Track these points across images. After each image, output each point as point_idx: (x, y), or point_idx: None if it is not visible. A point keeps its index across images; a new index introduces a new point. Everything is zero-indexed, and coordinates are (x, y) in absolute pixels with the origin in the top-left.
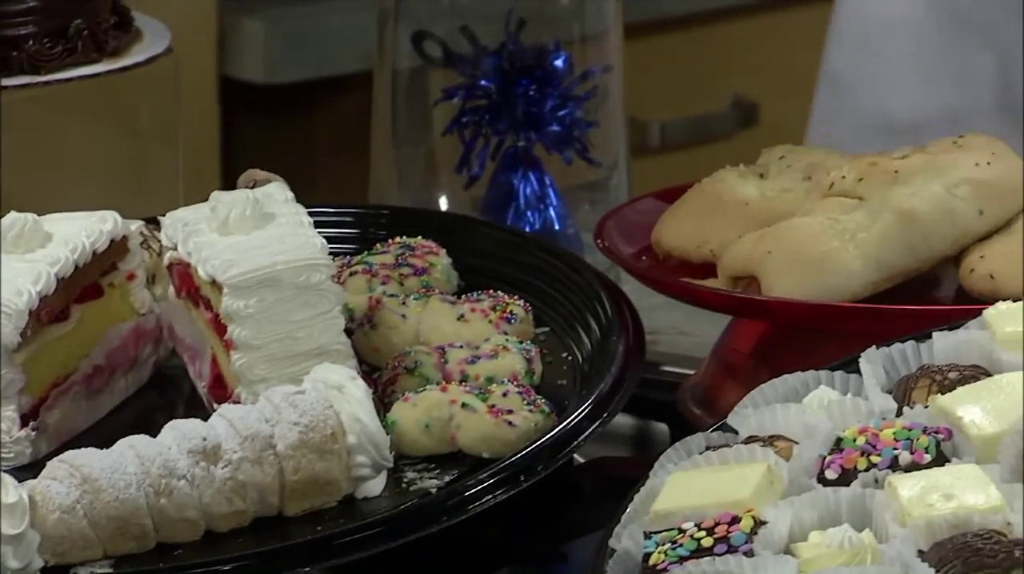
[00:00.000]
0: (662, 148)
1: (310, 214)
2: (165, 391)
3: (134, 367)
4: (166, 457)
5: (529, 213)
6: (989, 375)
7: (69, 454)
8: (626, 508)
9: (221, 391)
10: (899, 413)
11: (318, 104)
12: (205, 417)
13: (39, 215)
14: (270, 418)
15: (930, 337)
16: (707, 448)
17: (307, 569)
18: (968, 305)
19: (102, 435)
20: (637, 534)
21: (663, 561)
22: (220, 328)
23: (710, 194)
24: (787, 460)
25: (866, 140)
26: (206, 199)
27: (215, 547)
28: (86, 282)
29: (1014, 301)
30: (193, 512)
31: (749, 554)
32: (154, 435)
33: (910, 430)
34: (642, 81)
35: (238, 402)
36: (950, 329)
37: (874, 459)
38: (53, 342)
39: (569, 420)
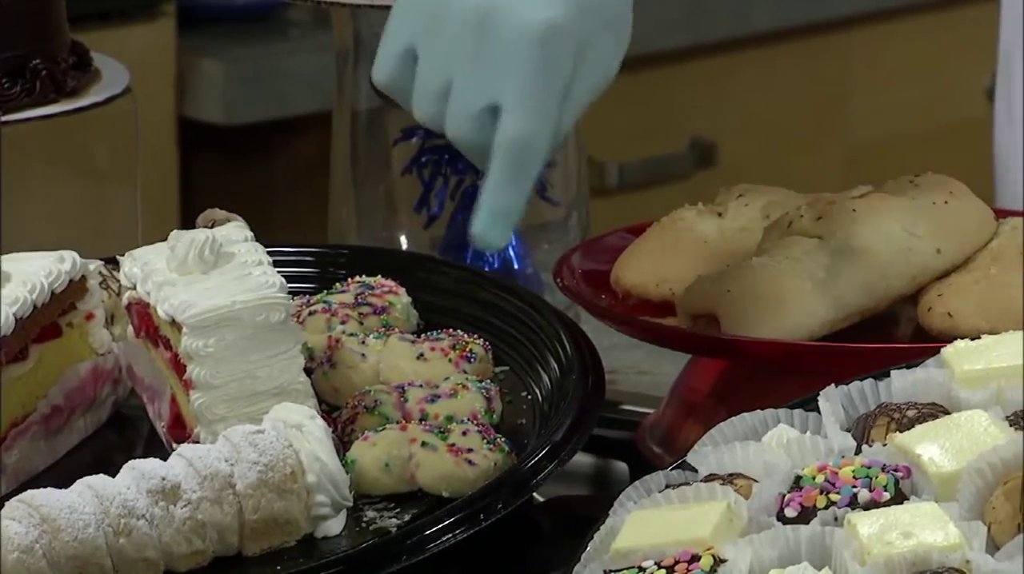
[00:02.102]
0: (620, 188)
1: (269, 253)
2: (124, 431)
3: (93, 407)
4: (125, 497)
5: (488, 253)
6: (948, 413)
7: (27, 494)
8: (586, 547)
9: (180, 431)
10: (858, 451)
11: (277, 144)
12: (164, 457)
13: None
14: (229, 457)
15: (888, 375)
16: (667, 486)
17: None
18: (926, 343)
19: (61, 475)
20: (598, 572)
21: None
22: (179, 368)
23: (669, 233)
24: (746, 498)
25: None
26: (165, 239)
27: None
28: (45, 322)
29: (972, 339)
30: (152, 552)
31: None
32: (113, 475)
33: (869, 468)
34: (600, 122)
35: (197, 442)
36: (908, 367)
37: (833, 497)
38: (12, 382)
39: (529, 459)
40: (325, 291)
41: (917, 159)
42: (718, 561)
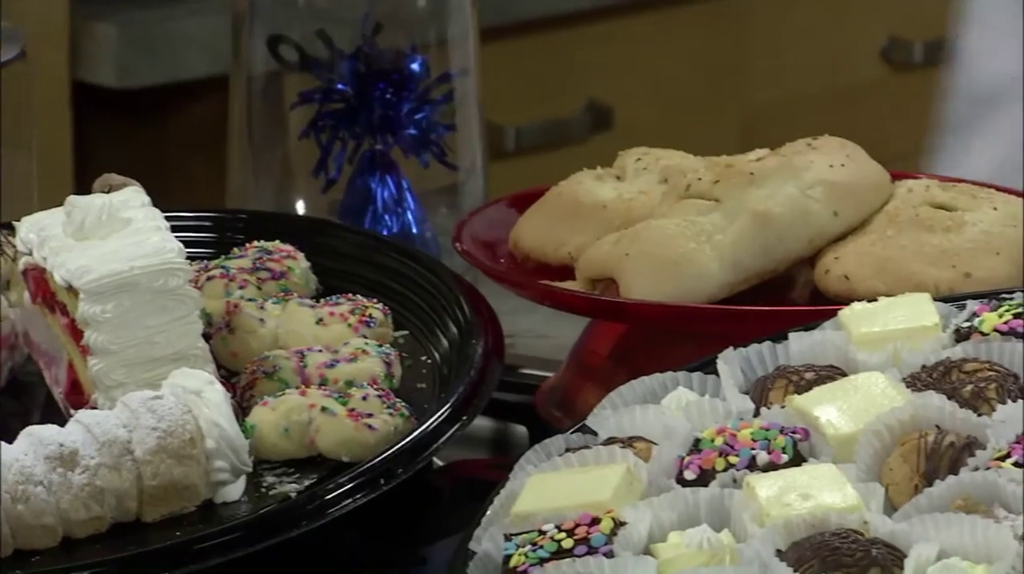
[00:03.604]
0: (517, 152)
1: (167, 219)
2: (21, 397)
3: None
4: (22, 463)
5: (387, 217)
6: (845, 375)
7: None
8: (486, 511)
9: (78, 397)
10: (756, 414)
11: (173, 108)
12: (62, 423)
13: None
14: (128, 423)
15: (786, 338)
16: (566, 450)
17: None
18: (823, 306)
19: None
20: (497, 537)
21: (523, 563)
22: (76, 334)
23: (568, 196)
24: (646, 461)
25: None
26: (61, 204)
27: (73, 553)
28: None
29: (869, 302)
30: (50, 518)
31: (609, 555)
32: (10, 442)
33: (767, 430)
34: (497, 85)
35: (95, 408)
36: (806, 330)
37: (732, 459)
38: None
39: (428, 423)
40: (223, 256)
41: (814, 122)
42: (618, 524)
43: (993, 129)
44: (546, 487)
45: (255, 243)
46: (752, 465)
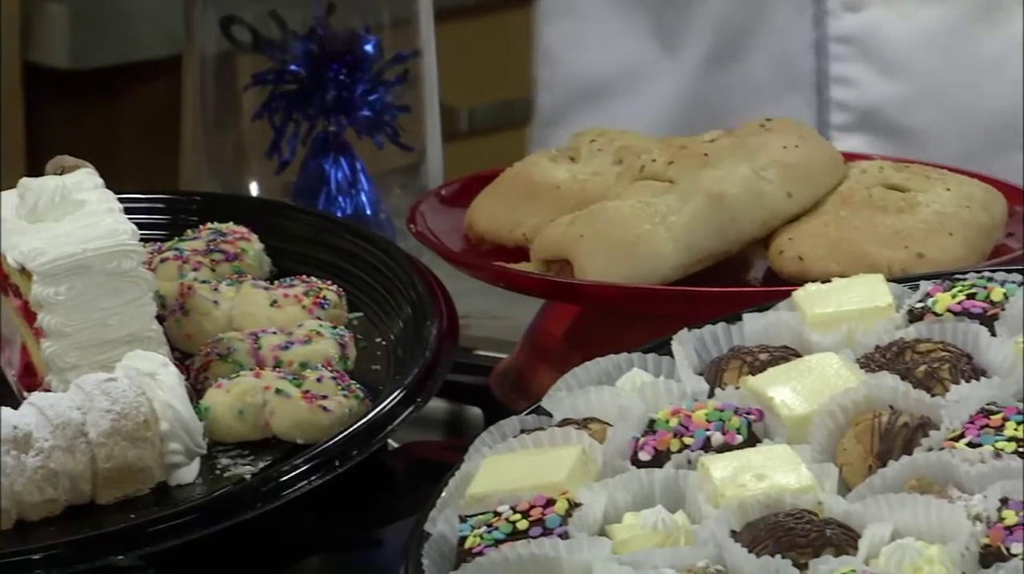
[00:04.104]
0: (471, 133)
1: (120, 201)
2: None
3: None
4: None
5: (340, 198)
6: (799, 356)
7: None
8: (441, 492)
9: (31, 379)
10: (711, 394)
11: (125, 89)
12: (15, 406)
13: None
14: (81, 406)
15: (740, 319)
16: (521, 431)
17: (120, 557)
18: (777, 287)
19: None
20: (452, 518)
21: (479, 544)
22: (30, 316)
23: (522, 178)
24: (601, 442)
25: (570, 105)
26: (13, 186)
27: (27, 536)
28: None
29: (822, 282)
30: (4, 501)
31: (564, 536)
32: None
33: (722, 411)
34: (449, 66)
35: (49, 390)
36: (760, 311)
37: (687, 440)
38: None
39: (383, 405)
40: (177, 238)
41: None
42: (573, 505)
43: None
44: (501, 469)
45: (209, 225)
46: (707, 446)
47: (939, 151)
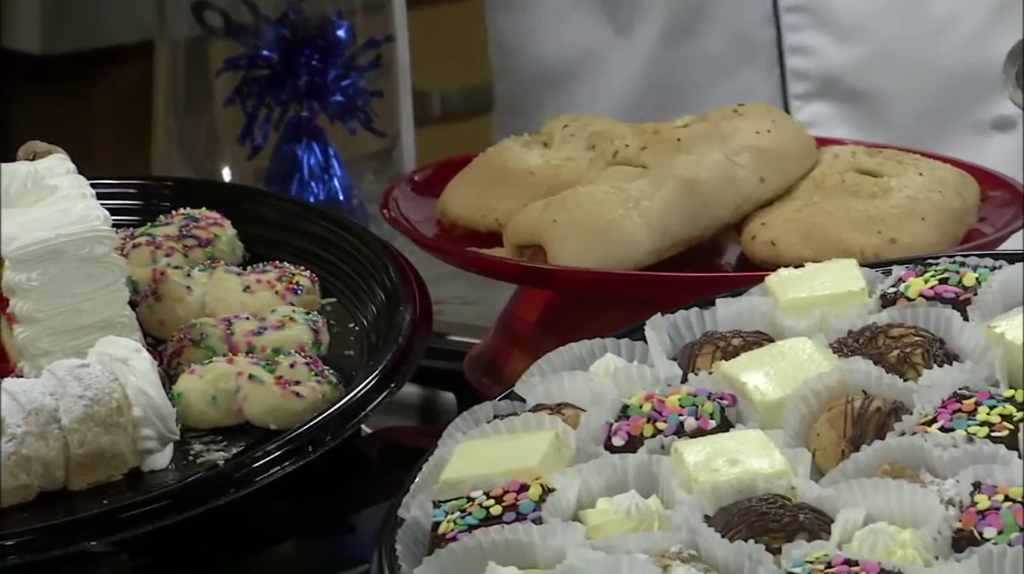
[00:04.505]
0: (443, 118)
1: (92, 186)
2: None
3: None
4: None
5: (313, 184)
6: (772, 341)
7: None
8: (415, 478)
9: (3, 365)
10: (684, 379)
11: (97, 75)
12: None
13: None
14: (54, 392)
15: (713, 304)
16: (495, 417)
17: (93, 543)
18: (750, 272)
19: None
20: (426, 504)
21: (452, 530)
22: (2, 302)
23: (495, 163)
24: (574, 428)
25: (529, 92)
26: None
27: None
28: None
29: (795, 267)
30: None
31: (538, 522)
32: None
33: (695, 396)
34: (422, 51)
35: (21, 376)
36: (733, 296)
37: (660, 426)
38: None
39: (356, 391)
40: (149, 224)
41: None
42: (546, 490)
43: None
44: (474, 454)
45: (181, 210)
46: (680, 431)
47: (900, 112)
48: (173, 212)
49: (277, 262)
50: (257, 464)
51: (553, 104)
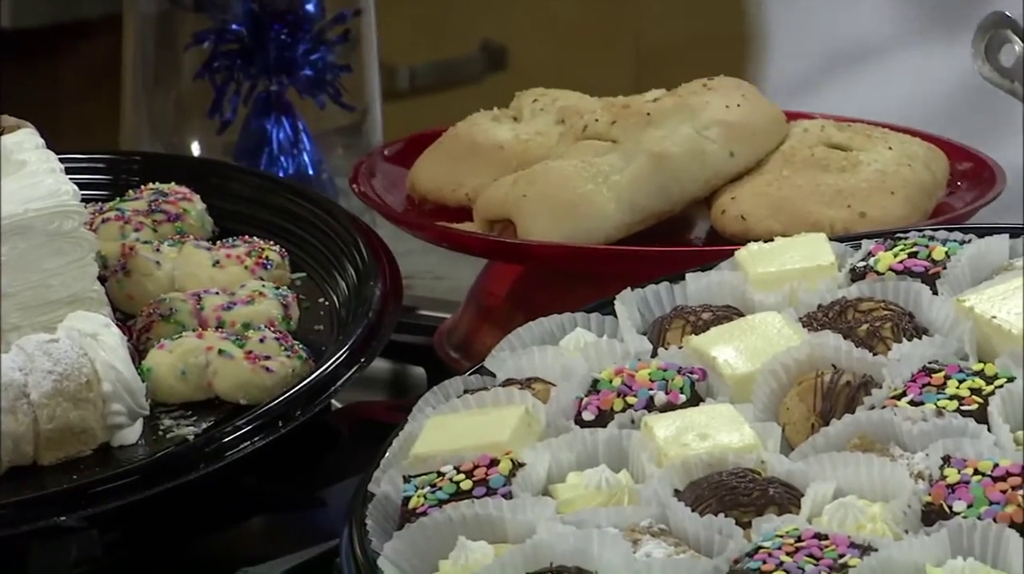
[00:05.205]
0: (412, 92)
1: (61, 161)
2: None
3: None
4: None
5: (282, 158)
6: (741, 315)
7: None
8: (385, 452)
9: None
10: (654, 354)
11: (65, 49)
12: None
13: None
14: (23, 367)
15: (683, 278)
16: (465, 391)
17: (63, 518)
18: (720, 246)
19: None
20: (396, 478)
21: (423, 505)
22: None
23: (465, 138)
24: (545, 402)
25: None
26: None
27: None
28: None
29: (765, 242)
30: None
31: (508, 496)
32: None
33: (665, 370)
34: (390, 25)
35: None
36: (703, 270)
37: (630, 400)
38: None
39: (327, 365)
40: (118, 198)
41: (709, 62)
42: (517, 465)
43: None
44: (445, 429)
45: (150, 185)
46: (650, 405)
47: None
48: (142, 187)
49: (247, 237)
50: (227, 439)
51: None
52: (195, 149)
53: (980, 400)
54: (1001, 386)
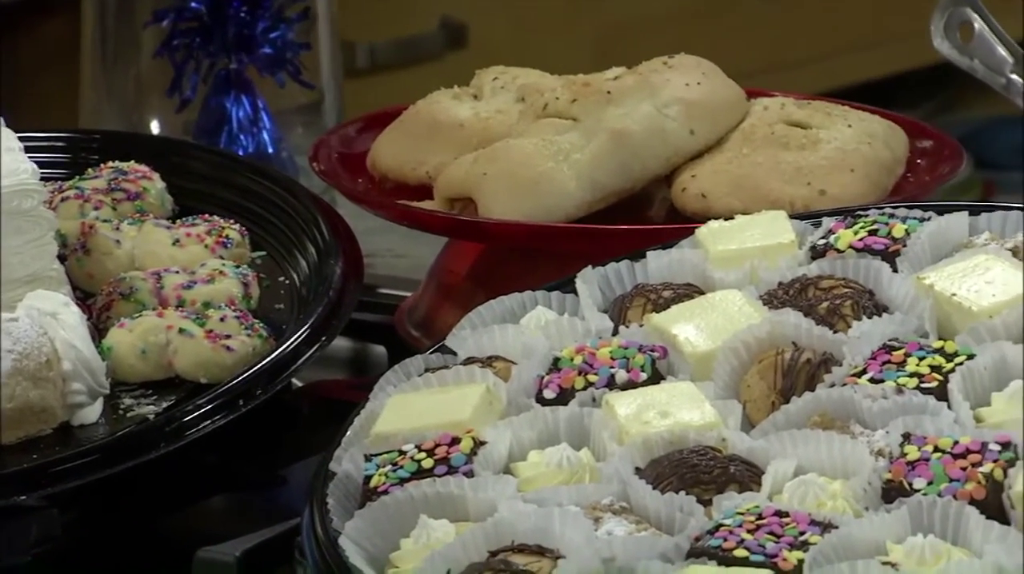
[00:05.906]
0: (371, 70)
1: (19, 139)
2: None
3: None
4: None
5: (242, 136)
6: (702, 293)
7: None
8: (346, 431)
9: None
10: (615, 332)
11: (23, 26)
12: None
13: None
14: None
15: (644, 256)
16: (426, 370)
17: (23, 497)
18: (681, 224)
19: None
20: (357, 457)
21: (384, 483)
22: None
23: (425, 115)
24: (506, 381)
25: None
26: None
27: None
28: None
29: (725, 219)
30: None
31: (469, 475)
32: None
33: (626, 349)
34: (349, 2)
35: None
36: (663, 248)
37: (591, 378)
38: None
39: (287, 344)
40: (78, 177)
41: (670, 40)
42: (478, 443)
43: None
44: (406, 407)
45: (110, 164)
46: (611, 383)
47: None
48: (102, 165)
49: (207, 215)
50: (188, 418)
51: None
52: (155, 127)
53: (940, 377)
54: (961, 363)
